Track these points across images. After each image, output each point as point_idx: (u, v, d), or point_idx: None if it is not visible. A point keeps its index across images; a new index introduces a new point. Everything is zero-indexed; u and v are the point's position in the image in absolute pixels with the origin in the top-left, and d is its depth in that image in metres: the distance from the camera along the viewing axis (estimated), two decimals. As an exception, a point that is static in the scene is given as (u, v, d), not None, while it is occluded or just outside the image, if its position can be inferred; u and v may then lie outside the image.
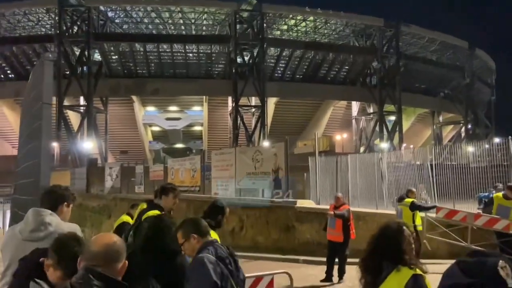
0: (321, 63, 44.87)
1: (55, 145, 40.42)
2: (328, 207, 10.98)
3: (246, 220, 11.86)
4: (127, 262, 1.65)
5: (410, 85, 46.57)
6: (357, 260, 2.31)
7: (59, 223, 2.50)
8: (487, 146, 11.79)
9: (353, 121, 48.48)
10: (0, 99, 43.40)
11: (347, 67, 46.27)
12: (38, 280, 1.92)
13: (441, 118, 53.37)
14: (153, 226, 3.55)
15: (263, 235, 11.23)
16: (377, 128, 44.02)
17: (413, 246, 2.24)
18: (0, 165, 37.81)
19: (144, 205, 4.05)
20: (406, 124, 47.16)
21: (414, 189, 8.69)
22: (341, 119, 49.11)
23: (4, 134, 47.69)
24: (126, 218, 6.38)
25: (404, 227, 2.29)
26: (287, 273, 4.34)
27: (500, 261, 1.50)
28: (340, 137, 41.76)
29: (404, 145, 38.67)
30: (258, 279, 4.06)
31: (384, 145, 41.86)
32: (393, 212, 9.23)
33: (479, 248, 7.62)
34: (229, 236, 12.28)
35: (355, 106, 48.57)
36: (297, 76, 45.49)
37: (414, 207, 8.13)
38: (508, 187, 7.69)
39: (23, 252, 2.29)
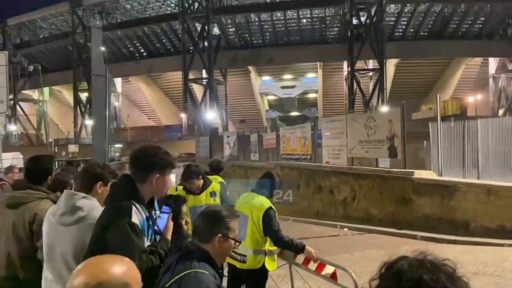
0: (451, 16, 39.76)
1: (183, 115, 44.35)
2: (453, 179, 9.77)
3: (358, 190, 11.34)
4: None
5: None
6: (488, 240, 1.57)
7: (92, 207, 2.30)
8: None
9: (490, 80, 42.43)
10: (136, 75, 48.78)
11: (482, 19, 40.21)
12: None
13: None
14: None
15: (377, 207, 10.60)
16: (521, 87, 37.83)
17: None
18: (139, 135, 43.18)
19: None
20: (560, 81, 39.55)
21: None
22: (475, 78, 43.48)
23: (141, 106, 53.82)
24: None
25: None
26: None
27: None
28: (473, 99, 36.97)
29: (557, 106, 32.54)
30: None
31: (530, 107, 35.89)
32: (536, 186, 7.78)
33: None
34: (341, 206, 11.94)
35: (493, 62, 42.33)
36: (421, 33, 41.23)
37: None
38: None
39: (57, 236, 2.25)
